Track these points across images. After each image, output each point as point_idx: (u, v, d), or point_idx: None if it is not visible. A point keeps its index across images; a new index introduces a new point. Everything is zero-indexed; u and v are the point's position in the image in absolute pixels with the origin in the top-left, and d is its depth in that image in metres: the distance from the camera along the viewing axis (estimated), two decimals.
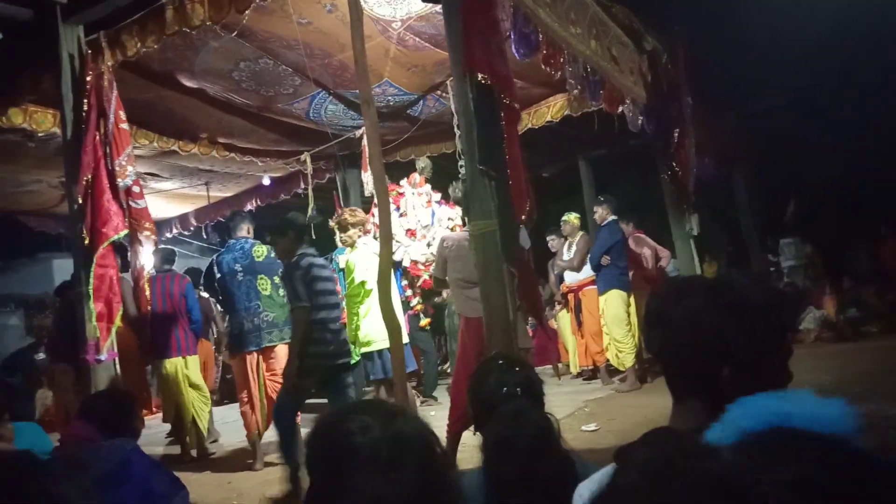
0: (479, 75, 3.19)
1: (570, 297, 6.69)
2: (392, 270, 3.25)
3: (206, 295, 6.11)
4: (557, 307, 7.43)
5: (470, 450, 3.88)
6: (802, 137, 8.79)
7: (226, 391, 7.96)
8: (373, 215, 5.42)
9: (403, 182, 6.82)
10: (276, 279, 4.57)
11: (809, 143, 8.77)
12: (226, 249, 4.68)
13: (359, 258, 4.59)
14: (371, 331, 4.39)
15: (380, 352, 4.44)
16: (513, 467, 1.34)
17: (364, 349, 4.58)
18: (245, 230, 4.73)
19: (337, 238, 5.71)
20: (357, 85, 3.47)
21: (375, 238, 4.83)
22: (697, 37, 6.89)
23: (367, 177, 6.82)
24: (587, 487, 1.03)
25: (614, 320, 5.86)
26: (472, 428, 1.71)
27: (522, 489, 1.32)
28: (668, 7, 6.99)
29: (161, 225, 9.26)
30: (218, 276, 4.54)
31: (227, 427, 6.11)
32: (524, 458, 1.34)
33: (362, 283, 4.42)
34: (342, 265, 5.36)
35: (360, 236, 4.84)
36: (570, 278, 6.60)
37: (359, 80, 3.15)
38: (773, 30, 7.72)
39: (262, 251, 4.60)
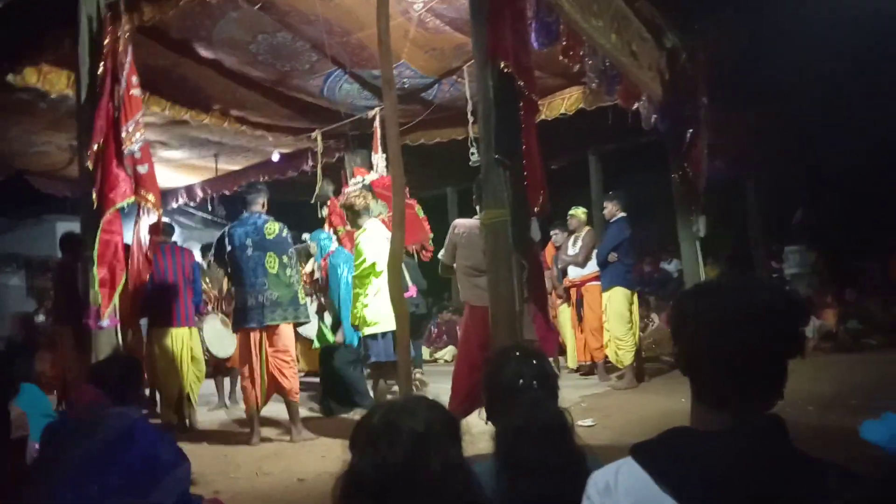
0: (502, 63, 3.17)
1: (573, 291, 6.68)
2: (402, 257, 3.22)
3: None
4: (558, 301, 7.43)
5: (468, 437, 3.91)
6: (819, 144, 8.71)
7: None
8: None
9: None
10: (285, 258, 4.54)
11: (826, 150, 8.69)
12: (238, 222, 4.65)
13: (368, 239, 4.57)
14: (378, 312, 4.39)
15: (384, 334, 4.43)
16: (526, 457, 1.35)
17: (369, 330, 4.58)
18: (260, 204, 4.69)
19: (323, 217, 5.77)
20: (379, 65, 3.45)
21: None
22: (719, 33, 6.81)
23: (377, 158, 6.81)
24: (602, 475, 1.04)
25: (616, 317, 5.86)
26: (480, 415, 1.71)
27: (535, 479, 1.33)
28: (692, 3, 6.90)
29: (167, 194, 9.25)
30: (228, 248, 4.53)
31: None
32: (538, 448, 1.35)
33: (373, 265, 4.40)
34: (323, 248, 5.42)
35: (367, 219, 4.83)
36: (574, 273, 6.60)
37: (382, 59, 3.12)
38: (798, 30, 7.62)
39: (273, 228, 4.56)
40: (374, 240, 4.50)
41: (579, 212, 6.66)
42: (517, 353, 1.58)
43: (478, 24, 3.33)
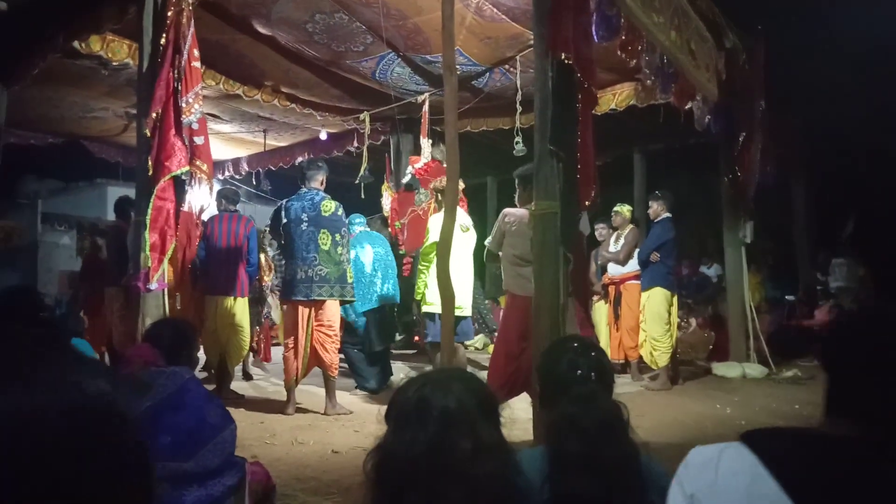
0: (563, 55, 3.15)
1: (611, 289, 6.63)
2: (450, 241, 3.24)
3: None
4: (595, 298, 7.37)
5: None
6: (874, 153, 8.42)
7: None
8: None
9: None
10: (338, 237, 4.62)
11: (881, 159, 8.40)
12: (296, 197, 4.73)
13: (437, 220, 4.61)
14: (437, 293, 4.45)
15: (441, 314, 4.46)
16: (578, 449, 1.35)
17: (426, 308, 4.67)
18: (319, 181, 4.76)
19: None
20: (441, 50, 3.46)
21: None
22: (772, 36, 6.64)
23: (424, 143, 6.84)
24: (704, 451, 0.98)
25: (655, 318, 5.80)
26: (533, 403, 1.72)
27: (585, 472, 1.33)
28: (748, 4, 6.72)
29: (215, 166, 9.43)
30: (284, 220, 4.63)
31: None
32: (590, 440, 1.35)
33: (434, 244, 4.46)
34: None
35: None
36: (614, 270, 6.54)
37: (444, 45, 3.14)
38: (850, 35, 7.37)
39: (330, 206, 4.64)
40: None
41: (624, 209, 6.58)
42: (575, 345, 1.59)
43: (540, 15, 3.32)
